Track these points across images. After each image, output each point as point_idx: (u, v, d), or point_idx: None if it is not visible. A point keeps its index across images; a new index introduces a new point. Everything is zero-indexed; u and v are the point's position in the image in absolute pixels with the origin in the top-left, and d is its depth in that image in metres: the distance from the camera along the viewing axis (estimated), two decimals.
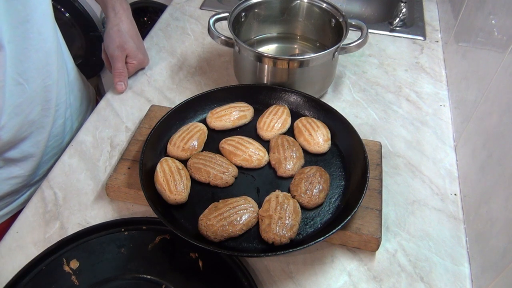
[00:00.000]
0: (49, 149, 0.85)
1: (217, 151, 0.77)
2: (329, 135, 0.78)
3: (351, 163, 0.74)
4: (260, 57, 0.83)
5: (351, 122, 0.78)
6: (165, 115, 0.79)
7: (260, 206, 0.68)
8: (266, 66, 0.84)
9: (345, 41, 0.84)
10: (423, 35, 1.13)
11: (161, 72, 1.01)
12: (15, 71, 0.69)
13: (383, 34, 1.14)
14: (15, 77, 0.70)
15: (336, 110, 0.80)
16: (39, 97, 0.77)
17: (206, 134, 0.79)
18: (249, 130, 0.82)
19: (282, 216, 0.64)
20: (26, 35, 0.70)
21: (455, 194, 0.77)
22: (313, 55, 0.87)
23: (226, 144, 0.76)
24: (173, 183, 0.68)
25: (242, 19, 0.93)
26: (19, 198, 0.84)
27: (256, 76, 0.87)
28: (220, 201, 0.67)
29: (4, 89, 0.68)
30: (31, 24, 0.70)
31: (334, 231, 0.61)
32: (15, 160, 0.78)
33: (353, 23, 0.88)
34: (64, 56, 0.86)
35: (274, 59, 0.83)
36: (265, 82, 0.87)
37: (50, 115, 0.81)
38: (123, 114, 0.90)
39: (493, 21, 0.79)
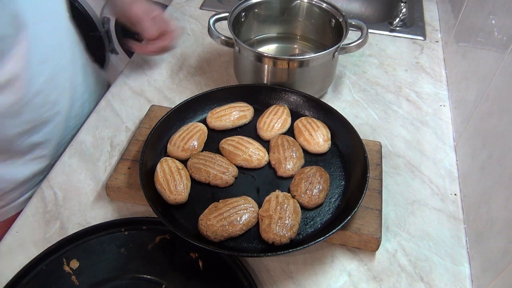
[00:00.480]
0: (68, 130, 0.87)
1: (217, 151, 0.77)
2: (329, 135, 0.78)
3: (351, 163, 0.74)
4: (260, 57, 0.83)
5: (351, 122, 0.78)
6: (165, 115, 0.79)
7: (260, 206, 0.68)
8: (266, 66, 0.84)
9: (345, 41, 0.84)
10: (423, 35, 1.13)
11: (161, 72, 1.01)
12: (38, 51, 0.73)
13: (383, 34, 1.14)
14: (38, 57, 0.73)
15: (336, 110, 0.80)
16: (58, 76, 0.80)
17: (206, 134, 0.79)
18: (249, 130, 0.82)
19: (282, 216, 0.64)
20: (46, 16, 0.74)
21: (455, 194, 0.77)
22: (313, 55, 0.87)
23: (226, 144, 0.76)
24: (173, 183, 0.68)
25: (242, 19, 0.93)
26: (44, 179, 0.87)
27: (256, 76, 0.87)
28: (220, 201, 0.67)
29: (30, 68, 0.71)
30: (50, 4, 0.75)
31: (334, 231, 0.61)
32: (39, 143, 0.81)
33: (353, 23, 0.88)
34: (75, 38, 0.89)
35: (274, 59, 0.83)
36: (265, 82, 0.87)
37: (68, 96, 0.84)
38: (123, 114, 0.90)
39: (493, 21, 0.79)
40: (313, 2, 0.94)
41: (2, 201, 0.82)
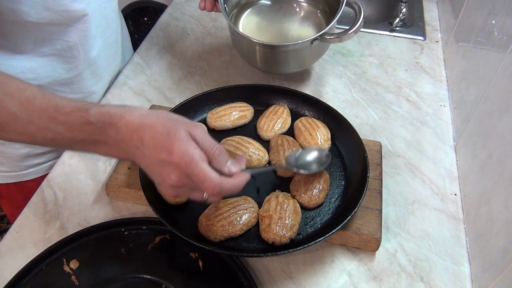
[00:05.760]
0: None
1: None
2: (329, 135, 0.78)
3: (351, 163, 0.74)
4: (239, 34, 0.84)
5: (351, 122, 0.78)
6: None
7: (260, 206, 0.68)
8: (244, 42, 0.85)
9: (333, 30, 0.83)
10: (423, 35, 1.13)
11: (161, 72, 1.01)
12: (93, 26, 0.80)
13: (383, 34, 1.14)
14: (92, 31, 0.81)
15: (336, 110, 0.80)
16: (105, 53, 0.89)
17: None
18: (249, 130, 0.82)
19: (282, 216, 0.64)
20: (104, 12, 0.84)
21: (455, 194, 0.77)
22: (284, 43, 0.85)
23: (226, 144, 0.76)
24: None
25: None
26: None
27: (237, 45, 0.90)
28: (220, 201, 0.67)
29: (86, 41, 0.81)
30: None
31: (334, 231, 0.61)
32: None
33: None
34: (120, 19, 0.96)
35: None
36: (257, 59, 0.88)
37: (108, 75, 0.95)
38: None
39: (493, 21, 0.79)
40: None
41: (43, 158, 0.88)
